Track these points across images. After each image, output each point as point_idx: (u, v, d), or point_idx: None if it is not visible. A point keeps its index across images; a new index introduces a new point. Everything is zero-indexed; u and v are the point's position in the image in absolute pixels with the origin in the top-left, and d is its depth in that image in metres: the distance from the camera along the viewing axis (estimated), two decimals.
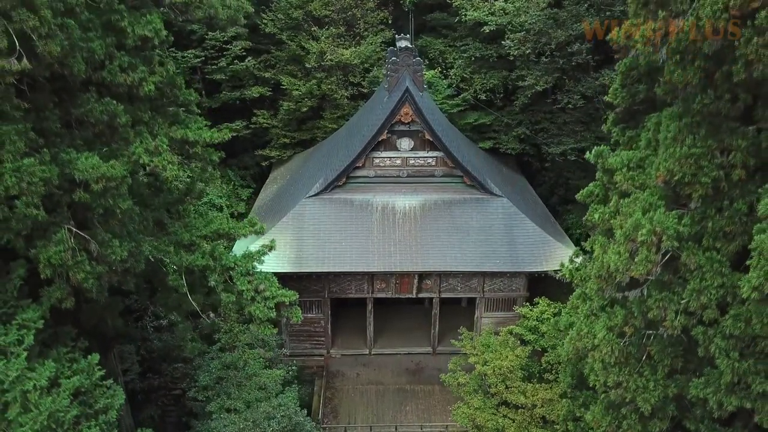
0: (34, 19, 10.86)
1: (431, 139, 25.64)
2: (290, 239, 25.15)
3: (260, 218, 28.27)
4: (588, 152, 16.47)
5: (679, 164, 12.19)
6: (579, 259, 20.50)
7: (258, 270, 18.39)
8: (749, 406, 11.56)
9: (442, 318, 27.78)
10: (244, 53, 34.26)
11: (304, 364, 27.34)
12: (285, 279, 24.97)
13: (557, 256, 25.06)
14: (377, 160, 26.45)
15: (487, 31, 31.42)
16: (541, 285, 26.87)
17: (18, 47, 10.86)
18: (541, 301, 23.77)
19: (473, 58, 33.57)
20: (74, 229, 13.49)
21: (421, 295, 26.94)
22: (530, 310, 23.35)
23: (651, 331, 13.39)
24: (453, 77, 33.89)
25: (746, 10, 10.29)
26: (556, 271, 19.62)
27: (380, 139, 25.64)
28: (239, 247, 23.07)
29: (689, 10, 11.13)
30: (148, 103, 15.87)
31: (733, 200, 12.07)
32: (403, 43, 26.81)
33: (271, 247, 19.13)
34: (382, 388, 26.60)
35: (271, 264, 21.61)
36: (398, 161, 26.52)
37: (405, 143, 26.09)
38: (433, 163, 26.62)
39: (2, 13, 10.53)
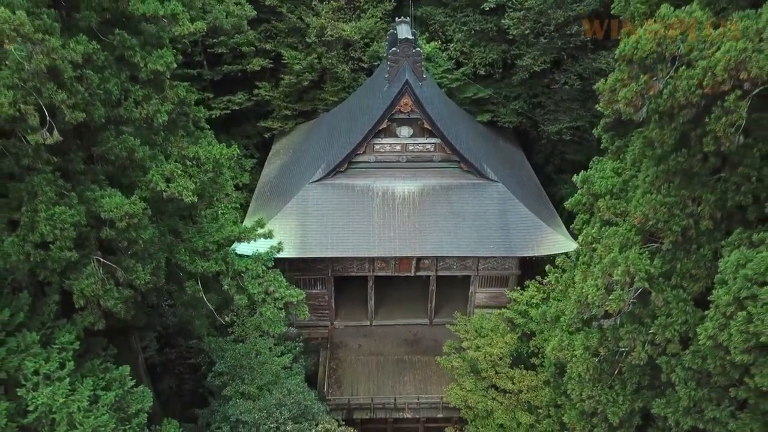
0: (62, 93, 11.73)
1: (430, 128, 26.46)
2: (295, 225, 26.44)
3: (265, 198, 29.58)
4: (575, 175, 17.60)
5: (654, 211, 13.40)
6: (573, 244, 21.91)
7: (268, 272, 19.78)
8: (702, 427, 13.28)
9: (438, 289, 29.46)
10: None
11: (310, 336, 29.30)
12: (291, 261, 26.60)
13: (548, 241, 26.49)
14: (377, 146, 27.35)
15: (488, 9, 31.48)
16: (532, 264, 28.41)
17: (48, 118, 11.80)
18: (531, 285, 25.34)
19: (473, 32, 33.67)
20: (102, 259, 14.84)
21: (419, 274, 28.55)
22: (520, 294, 24.93)
23: (624, 349, 14.97)
24: (453, 51, 34.13)
25: (717, 91, 11.21)
26: (543, 278, 20.99)
27: (380, 128, 26.46)
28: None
29: (667, 77, 12.03)
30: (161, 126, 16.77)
31: (701, 246, 13.35)
32: (403, 31, 27.06)
33: (279, 249, 20.46)
34: (383, 359, 28.64)
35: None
36: (398, 147, 27.43)
37: (404, 131, 26.91)
38: (432, 149, 27.52)
39: (35, 90, 11.38)
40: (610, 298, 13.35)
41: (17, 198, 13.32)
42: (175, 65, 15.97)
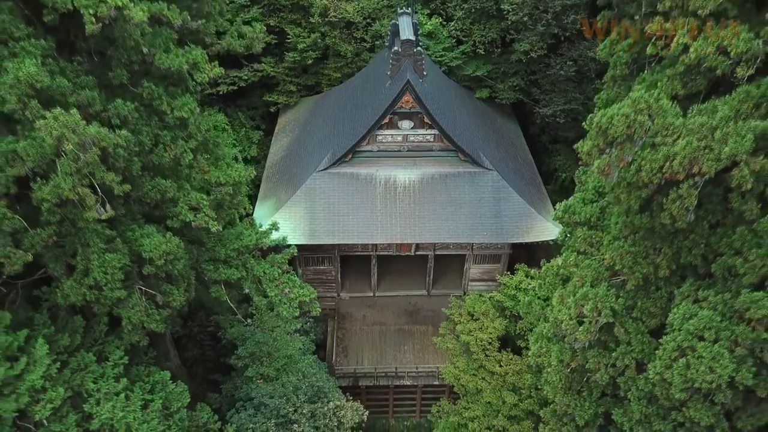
0: (111, 174, 13.58)
1: (430, 122, 28.02)
2: (303, 213, 28.54)
3: (274, 181, 31.53)
4: (556, 203, 19.51)
5: (621, 257, 15.57)
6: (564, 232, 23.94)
7: (284, 275, 22.14)
8: None
9: (436, 264, 31.95)
10: (248, 3, 34.94)
11: (319, 306, 31.99)
12: (301, 244, 28.88)
13: (538, 228, 28.68)
14: (380, 137, 28.97)
15: None
16: (523, 244, 30.71)
17: (101, 194, 13.72)
18: (520, 269, 27.78)
19: (473, 9, 34.31)
20: (143, 288, 17.15)
21: (418, 253, 30.97)
22: (510, 278, 27.41)
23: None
24: (453, 29, 34.90)
25: (674, 178, 13.09)
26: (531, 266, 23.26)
27: (383, 123, 28.02)
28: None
29: (634, 154, 13.85)
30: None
31: (659, 288, 15.61)
32: (404, 28, 27.94)
33: (292, 254, 22.75)
34: (385, 329, 31.55)
35: (289, 238, 25.24)
36: (399, 138, 29.05)
37: (406, 124, 28.45)
38: (432, 140, 29.15)
39: (90, 174, 13.23)
40: (580, 329, 15.74)
41: (72, 248, 15.42)
42: (198, 110, 17.62)
